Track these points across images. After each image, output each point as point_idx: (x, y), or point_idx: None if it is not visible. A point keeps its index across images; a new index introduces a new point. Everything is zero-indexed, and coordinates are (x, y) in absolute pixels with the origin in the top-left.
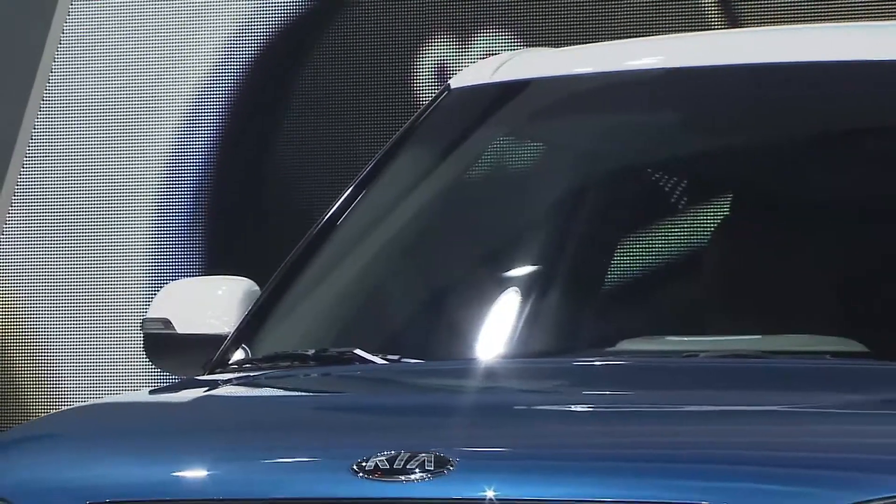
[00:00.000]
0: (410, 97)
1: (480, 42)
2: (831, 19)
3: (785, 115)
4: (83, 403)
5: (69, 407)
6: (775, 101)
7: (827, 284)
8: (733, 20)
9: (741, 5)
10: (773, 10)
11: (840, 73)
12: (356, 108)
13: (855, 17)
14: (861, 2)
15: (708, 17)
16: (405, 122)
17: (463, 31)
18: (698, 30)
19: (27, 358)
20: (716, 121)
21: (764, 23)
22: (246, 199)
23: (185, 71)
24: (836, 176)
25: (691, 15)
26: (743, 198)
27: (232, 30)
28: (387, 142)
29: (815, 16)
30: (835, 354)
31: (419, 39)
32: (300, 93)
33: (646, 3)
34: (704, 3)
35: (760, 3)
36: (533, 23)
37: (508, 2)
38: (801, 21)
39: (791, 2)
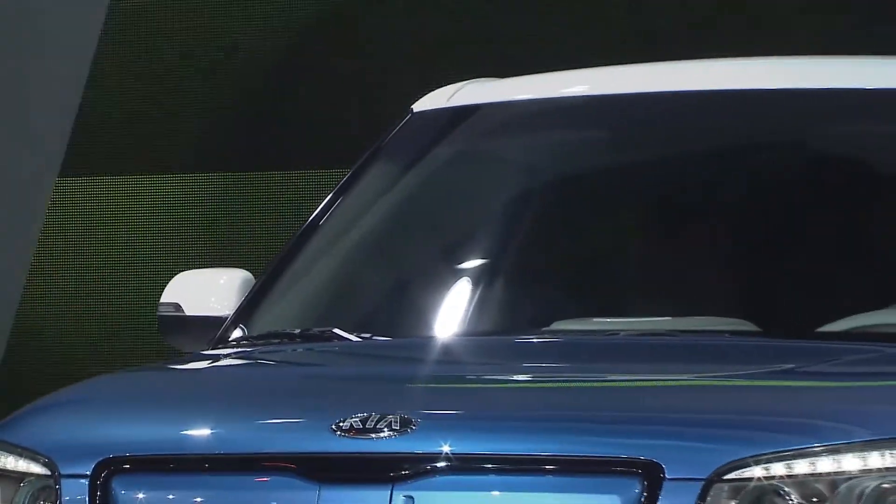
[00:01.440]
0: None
1: (438, 73)
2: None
3: (686, 131)
4: (109, 374)
5: (97, 377)
6: (677, 120)
7: (726, 277)
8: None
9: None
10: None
11: (733, 99)
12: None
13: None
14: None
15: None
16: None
17: (424, 65)
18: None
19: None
20: (630, 137)
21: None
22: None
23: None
24: (730, 185)
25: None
26: (656, 204)
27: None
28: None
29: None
30: (732, 333)
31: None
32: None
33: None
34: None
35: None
36: (481, 56)
37: (462, 40)
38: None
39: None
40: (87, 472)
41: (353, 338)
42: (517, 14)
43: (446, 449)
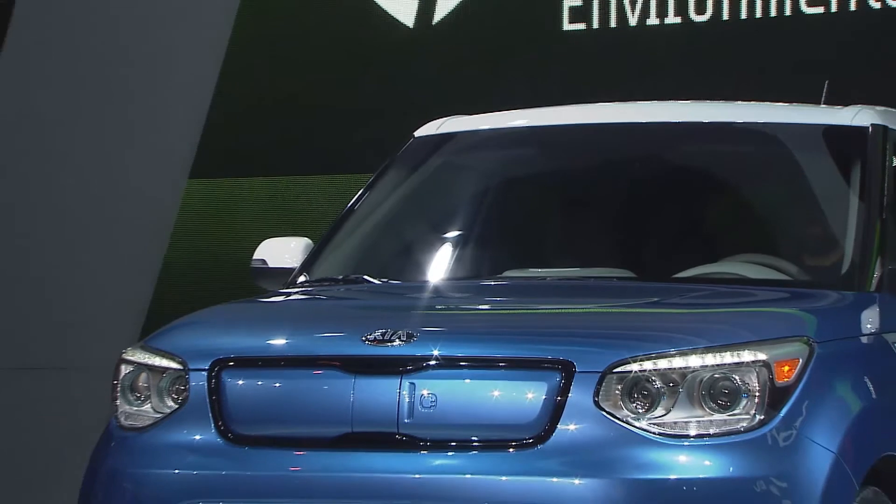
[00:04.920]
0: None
1: (432, 111)
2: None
3: (592, 149)
4: (220, 304)
5: (212, 307)
6: (587, 141)
7: (615, 243)
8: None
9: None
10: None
11: (627, 126)
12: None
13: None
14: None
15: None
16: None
17: (422, 108)
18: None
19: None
20: (554, 153)
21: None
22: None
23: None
24: (620, 185)
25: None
26: (570, 197)
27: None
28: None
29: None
30: (618, 278)
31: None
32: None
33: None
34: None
35: None
36: (459, 101)
37: (448, 92)
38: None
39: None
40: (205, 368)
41: (375, 281)
42: (479, 75)
43: (436, 353)
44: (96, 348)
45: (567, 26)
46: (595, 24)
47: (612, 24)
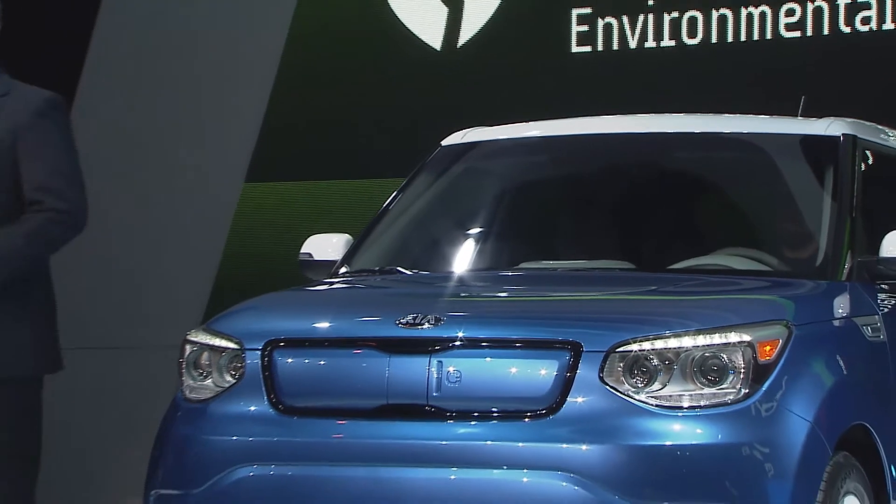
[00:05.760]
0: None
1: (456, 123)
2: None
3: (599, 155)
4: (272, 292)
5: (265, 294)
6: (594, 149)
7: (618, 239)
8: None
9: None
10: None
11: (628, 136)
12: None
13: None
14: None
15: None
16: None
17: (448, 120)
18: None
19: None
20: (566, 159)
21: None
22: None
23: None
24: (623, 187)
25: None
26: (579, 197)
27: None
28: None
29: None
30: (620, 269)
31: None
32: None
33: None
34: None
35: None
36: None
37: (474, 105)
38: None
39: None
40: (259, 348)
41: (407, 272)
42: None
43: (460, 334)
44: (164, 330)
45: (575, 49)
46: (600, 47)
47: (615, 46)
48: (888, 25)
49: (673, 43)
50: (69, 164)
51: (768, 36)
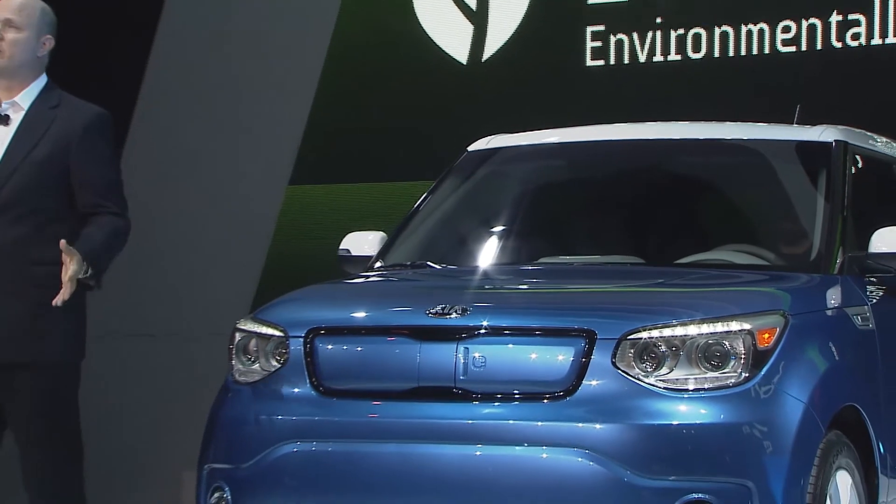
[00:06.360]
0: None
1: (481, 130)
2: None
3: (611, 159)
4: (313, 285)
5: (307, 287)
6: (608, 154)
7: (628, 236)
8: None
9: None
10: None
11: (638, 142)
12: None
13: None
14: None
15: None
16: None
17: (473, 127)
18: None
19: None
20: (581, 163)
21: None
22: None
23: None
24: (634, 189)
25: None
26: (593, 198)
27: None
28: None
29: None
30: (631, 264)
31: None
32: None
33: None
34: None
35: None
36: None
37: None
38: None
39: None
40: (302, 335)
41: (436, 266)
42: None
43: (485, 323)
44: (216, 320)
45: (589, 62)
46: (612, 61)
47: (626, 60)
48: (876, 41)
49: (679, 57)
50: (117, 175)
51: (766, 51)
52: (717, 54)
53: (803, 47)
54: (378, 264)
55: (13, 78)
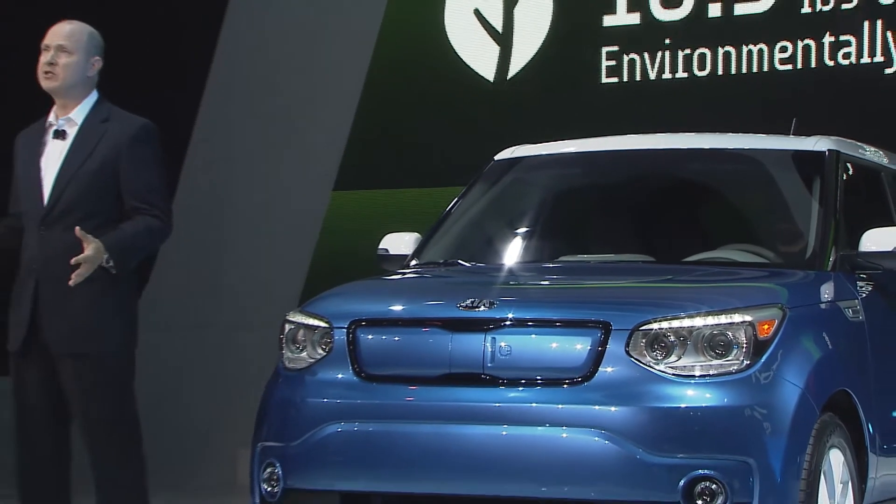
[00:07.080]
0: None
1: (506, 141)
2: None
3: (626, 167)
4: (356, 281)
5: (350, 283)
6: (623, 162)
7: (640, 236)
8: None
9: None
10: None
11: (654, 152)
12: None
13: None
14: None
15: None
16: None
17: (499, 138)
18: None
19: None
20: (598, 171)
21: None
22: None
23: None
24: (646, 194)
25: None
26: (608, 202)
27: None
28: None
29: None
30: (642, 262)
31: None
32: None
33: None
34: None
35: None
36: (530, 133)
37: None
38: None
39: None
40: (345, 326)
41: (466, 264)
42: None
43: (510, 315)
44: (267, 312)
45: (604, 80)
46: (625, 78)
47: (638, 77)
48: (865, 60)
49: (686, 75)
50: (161, 181)
51: (765, 69)
52: (720, 72)
53: (799, 65)
54: (413, 262)
55: (67, 97)
